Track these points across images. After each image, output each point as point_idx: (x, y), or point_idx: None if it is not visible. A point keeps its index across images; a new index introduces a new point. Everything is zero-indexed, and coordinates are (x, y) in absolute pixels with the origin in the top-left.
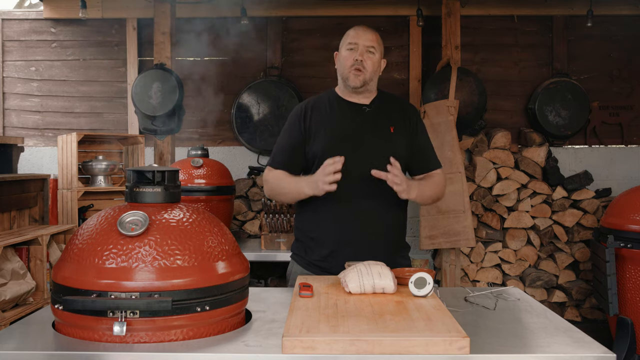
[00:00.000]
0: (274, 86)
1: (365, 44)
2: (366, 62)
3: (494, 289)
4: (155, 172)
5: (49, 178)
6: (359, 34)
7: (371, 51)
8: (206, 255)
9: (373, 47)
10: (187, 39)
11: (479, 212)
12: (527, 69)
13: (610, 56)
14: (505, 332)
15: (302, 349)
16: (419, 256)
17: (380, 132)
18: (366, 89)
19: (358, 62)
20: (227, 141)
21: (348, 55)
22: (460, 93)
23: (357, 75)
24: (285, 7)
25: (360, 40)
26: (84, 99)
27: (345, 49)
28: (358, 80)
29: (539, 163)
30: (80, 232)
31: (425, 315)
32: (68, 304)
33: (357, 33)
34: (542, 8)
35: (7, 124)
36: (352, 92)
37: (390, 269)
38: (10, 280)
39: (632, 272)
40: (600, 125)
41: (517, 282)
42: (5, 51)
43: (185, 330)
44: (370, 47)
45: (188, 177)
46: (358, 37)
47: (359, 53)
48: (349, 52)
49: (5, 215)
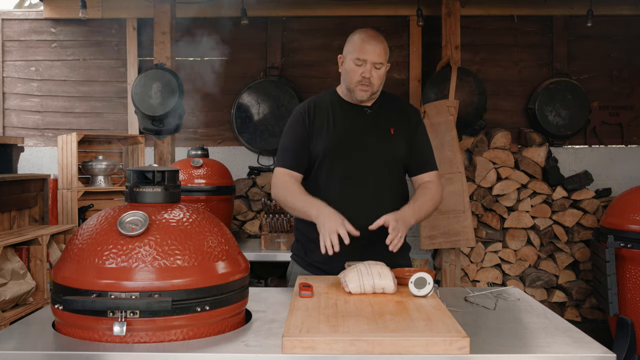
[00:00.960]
0: (274, 86)
1: (373, 61)
2: (373, 78)
3: (494, 289)
4: (155, 172)
5: (49, 178)
6: (368, 50)
7: (378, 67)
8: (206, 255)
9: (381, 62)
10: (187, 39)
11: (479, 212)
12: (527, 69)
13: (610, 56)
14: (505, 332)
15: (302, 349)
16: (419, 256)
17: (380, 133)
18: (371, 98)
19: (366, 79)
20: (227, 141)
21: (355, 69)
22: (460, 93)
23: (364, 90)
24: (285, 7)
25: (369, 56)
26: (84, 99)
27: (352, 62)
28: (365, 95)
29: (539, 163)
30: (80, 232)
31: (425, 315)
32: (68, 304)
33: (366, 48)
34: (542, 8)
35: (7, 124)
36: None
37: (390, 269)
38: (10, 280)
39: (632, 272)
40: (600, 125)
41: (517, 282)
42: (5, 51)
43: (185, 330)
44: (378, 64)
45: (188, 177)
46: (366, 53)
47: (367, 70)
48: (356, 67)
49: (5, 215)
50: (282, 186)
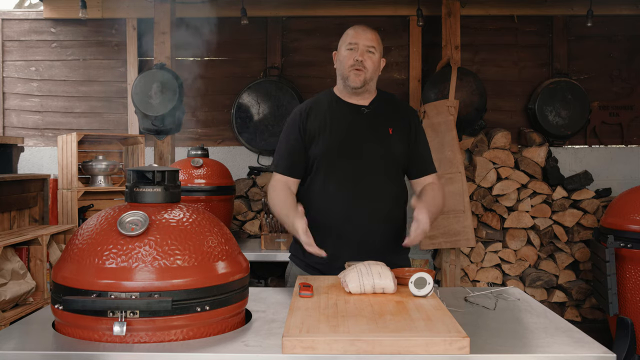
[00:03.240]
0: (274, 86)
1: (365, 44)
2: (366, 62)
3: (494, 289)
4: (155, 172)
5: (49, 178)
6: (358, 33)
7: (371, 51)
8: (206, 255)
9: (373, 46)
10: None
11: (479, 212)
12: (527, 69)
13: (610, 56)
14: (505, 332)
15: (302, 349)
16: (419, 256)
17: (378, 134)
18: (366, 89)
19: (358, 62)
20: (227, 141)
21: (348, 55)
22: (460, 93)
23: (357, 74)
24: (285, 7)
25: (360, 40)
26: (84, 99)
27: (345, 49)
28: (358, 80)
29: (539, 163)
30: (80, 232)
31: (425, 315)
32: (68, 304)
33: (356, 32)
34: (542, 8)
35: (7, 124)
36: (351, 93)
37: (390, 269)
38: (10, 280)
39: (632, 272)
40: (600, 125)
41: (517, 282)
42: (5, 51)
43: (185, 330)
44: (370, 47)
45: (188, 177)
46: (358, 36)
47: (359, 53)
48: (348, 52)
49: (5, 215)
50: (271, 194)
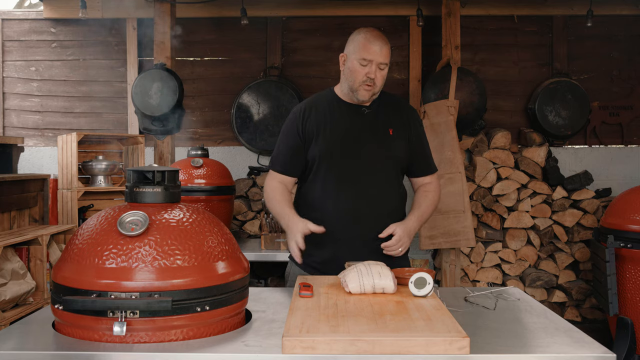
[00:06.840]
0: (274, 86)
1: (378, 62)
2: (377, 79)
3: (494, 289)
4: (155, 172)
5: (49, 178)
6: (375, 51)
7: (382, 68)
8: (206, 255)
9: (386, 63)
10: (187, 38)
11: (479, 212)
12: (527, 69)
13: (610, 56)
14: (505, 332)
15: (302, 349)
16: (419, 256)
17: (378, 134)
18: (370, 98)
19: (370, 79)
20: (227, 141)
21: (360, 69)
22: (460, 93)
23: (367, 90)
24: (285, 7)
25: (375, 57)
26: (84, 99)
27: (357, 62)
28: (368, 95)
29: (539, 163)
30: (80, 232)
31: (425, 315)
32: (68, 304)
33: (372, 49)
34: (542, 8)
35: (7, 124)
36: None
37: (390, 269)
38: (10, 280)
39: (632, 272)
40: (600, 125)
41: (517, 282)
42: (5, 51)
43: (185, 330)
44: (383, 64)
45: (188, 177)
46: (373, 54)
47: (373, 70)
48: (361, 67)
49: (5, 215)
50: (267, 191)
